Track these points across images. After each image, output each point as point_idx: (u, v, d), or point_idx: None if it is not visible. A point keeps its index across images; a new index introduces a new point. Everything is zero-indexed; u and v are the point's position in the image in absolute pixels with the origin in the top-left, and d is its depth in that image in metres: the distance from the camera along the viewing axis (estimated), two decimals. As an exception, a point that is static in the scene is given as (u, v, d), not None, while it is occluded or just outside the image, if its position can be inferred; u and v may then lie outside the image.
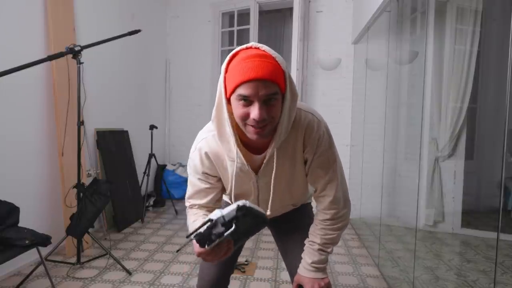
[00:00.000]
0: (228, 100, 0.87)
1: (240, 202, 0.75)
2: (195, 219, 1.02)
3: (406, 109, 2.64)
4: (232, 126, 0.89)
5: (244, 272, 2.29)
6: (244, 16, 4.13)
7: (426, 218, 2.75)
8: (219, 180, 1.06)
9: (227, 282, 1.27)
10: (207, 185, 1.04)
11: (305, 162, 1.01)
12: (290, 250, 1.21)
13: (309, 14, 3.79)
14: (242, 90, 0.80)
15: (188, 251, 2.66)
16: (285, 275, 2.27)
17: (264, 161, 0.97)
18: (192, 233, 0.76)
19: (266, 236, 3.02)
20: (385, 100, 2.60)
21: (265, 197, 1.09)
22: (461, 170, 2.71)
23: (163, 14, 4.35)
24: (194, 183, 1.06)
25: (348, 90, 3.70)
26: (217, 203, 1.09)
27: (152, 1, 4.04)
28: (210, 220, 0.75)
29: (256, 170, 1.01)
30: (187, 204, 1.10)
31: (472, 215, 2.90)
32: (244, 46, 0.84)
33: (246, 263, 2.43)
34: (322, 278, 1.05)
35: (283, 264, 2.44)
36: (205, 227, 0.76)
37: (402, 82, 2.64)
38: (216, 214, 0.76)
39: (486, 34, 2.83)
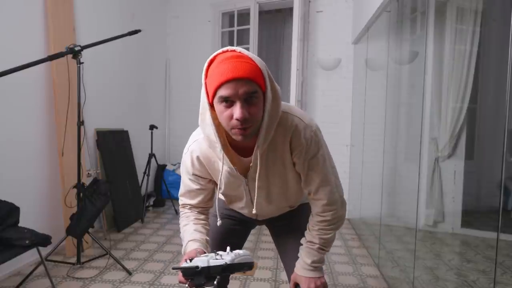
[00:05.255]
0: (212, 106, 0.87)
1: (229, 259, 0.79)
2: (186, 223, 1.07)
3: (406, 109, 2.64)
4: (217, 131, 0.89)
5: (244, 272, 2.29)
6: (244, 16, 4.13)
7: (426, 218, 2.74)
8: (210, 181, 1.09)
9: (226, 282, 1.29)
10: (198, 186, 1.08)
11: (294, 165, 1.01)
12: (289, 250, 1.21)
13: (309, 14, 3.79)
14: (222, 92, 0.81)
15: (188, 251, 2.66)
16: (285, 275, 2.26)
17: (251, 164, 0.97)
18: (177, 268, 0.81)
19: (266, 236, 3.02)
20: (385, 100, 2.60)
21: (258, 200, 1.08)
22: (461, 170, 2.71)
23: (163, 14, 4.35)
24: (185, 182, 1.10)
25: (348, 90, 3.70)
26: (208, 202, 1.12)
27: (152, 1, 4.04)
28: (196, 266, 0.78)
29: (245, 173, 1.01)
30: (180, 202, 1.14)
31: (472, 215, 2.90)
32: (220, 50, 0.85)
33: (246, 263, 2.43)
34: (319, 277, 1.06)
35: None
36: (187, 266, 0.80)
37: (402, 82, 2.63)
38: (203, 261, 0.79)
39: (486, 34, 2.83)
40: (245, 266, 0.86)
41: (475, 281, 2.16)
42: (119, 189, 3.17)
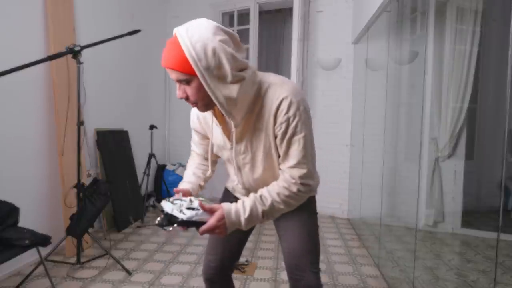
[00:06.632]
0: None
1: (187, 216, 0.93)
2: (190, 165, 1.28)
3: (406, 109, 2.64)
4: None
5: (244, 272, 2.29)
6: (244, 16, 4.13)
7: (426, 218, 2.74)
8: (204, 137, 1.23)
9: (230, 270, 1.33)
10: (197, 138, 1.26)
11: (276, 138, 1.02)
12: (289, 230, 1.19)
13: (309, 14, 3.79)
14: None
15: (188, 251, 2.66)
16: (285, 274, 2.27)
17: (232, 130, 1.03)
18: (162, 210, 0.99)
19: (266, 236, 3.02)
20: (385, 100, 2.60)
21: (245, 169, 1.13)
22: (461, 170, 2.71)
23: (163, 14, 4.35)
24: (192, 134, 1.27)
25: (348, 90, 3.70)
26: (212, 154, 1.21)
27: (152, 1, 4.04)
28: (162, 210, 0.96)
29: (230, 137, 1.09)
30: (191, 147, 1.33)
31: (472, 215, 2.90)
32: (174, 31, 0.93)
33: (246, 263, 2.43)
34: (224, 230, 0.98)
35: (283, 264, 2.44)
36: (160, 205, 1.00)
37: (402, 82, 2.63)
38: (170, 208, 0.95)
39: (486, 34, 2.83)
40: (198, 225, 0.95)
41: (475, 281, 2.16)
42: (119, 189, 3.17)
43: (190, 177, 1.22)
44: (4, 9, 2.11)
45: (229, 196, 1.33)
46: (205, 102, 0.96)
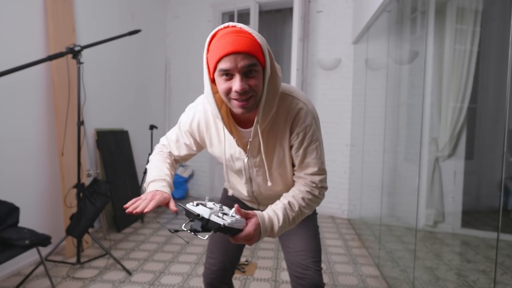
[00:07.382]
0: (213, 80, 0.91)
1: (228, 222, 0.83)
2: (163, 161, 1.11)
3: (406, 109, 2.64)
4: (218, 104, 0.93)
5: (244, 272, 2.29)
6: (244, 16, 4.13)
7: (426, 218, 2.74)
8: (196, 142, 1.13)
9: (231, 273, 1.32)
10: (187, 141, 1.13)
11: (291, 148, 1.03)
12: (291, 245, 1.20)
13: (309, 14, 3.79)
14: (222, 65, 0.84)
15: (188, 251, 2.66)
16: (285, 275, 2.27)
17: (250, 139, 1.00)
18: (182, 206, 0.87)
19: (266, 236, 3.02)
20: (385, 100, 2.60)
21: (258, 180, 1.11)
22: (461, 170, 2.71)
23: (163, 14, 4.35)
24: (177, 133, 1.15)
25: (348, 90, 3.70)
26: (186, 159, 1.19)
27: (152, 1, 4.04)
28: (198, 214, 0.83)
29: (245, 148, 1.04)
30: (163, 142, 1.19)
31: (472, 215, 2.90)
32: (221, 26, 0.87)
33: (246, 263, 2.43)
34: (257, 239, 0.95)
35: (283, 264, 2.44)
36: (191, 209, 0.84)
37: (402, 82, 2.63)
38: (205, 213, 0.83)
39: (486, 34, 2.83)
40: (236, 232, 0.88)
41: (475, 281, 2.16)
42: (119, 189, 3.17)
43: (167, 173, 1.06)
44: (4, 9, 2.11)
45: (228, 199, 1.32)
46: (258, 98, 0.90)
